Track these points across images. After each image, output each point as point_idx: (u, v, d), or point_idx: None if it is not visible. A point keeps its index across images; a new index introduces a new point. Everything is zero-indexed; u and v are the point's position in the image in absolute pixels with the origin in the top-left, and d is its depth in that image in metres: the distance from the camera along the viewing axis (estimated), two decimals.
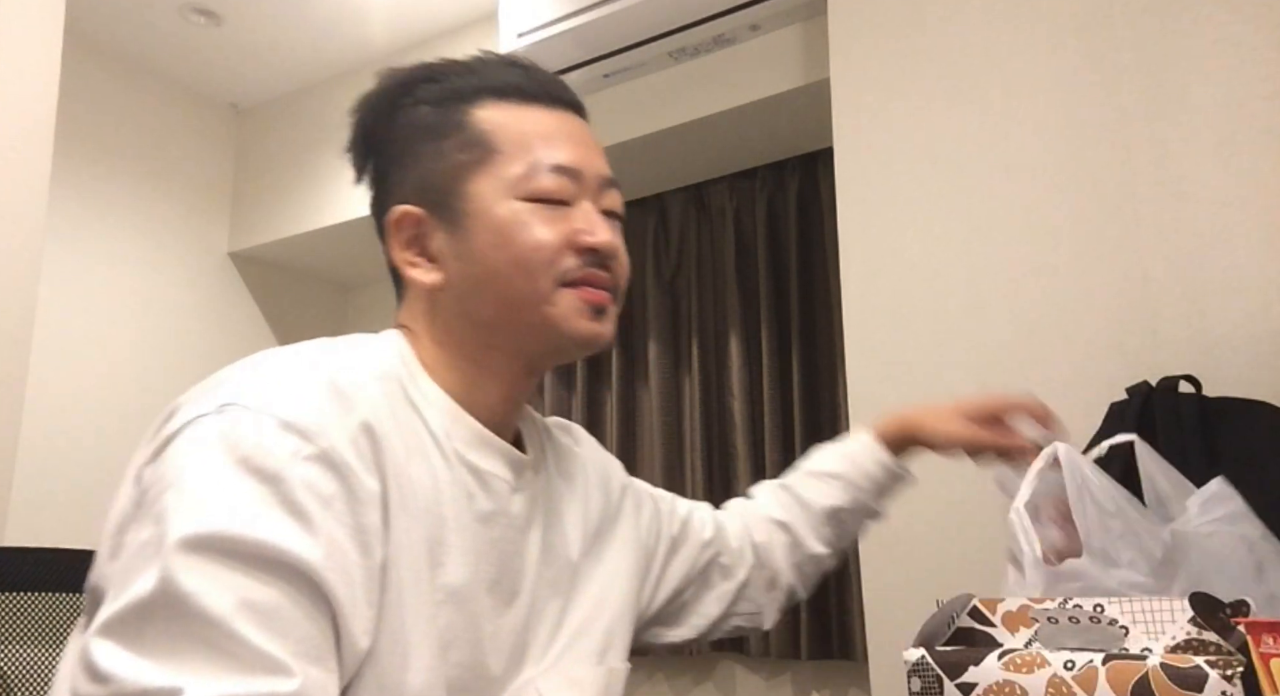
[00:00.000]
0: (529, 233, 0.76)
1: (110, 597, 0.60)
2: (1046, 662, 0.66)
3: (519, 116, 0.80)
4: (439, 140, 0.79)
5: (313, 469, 0.64)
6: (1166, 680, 0.63)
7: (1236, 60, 1.45)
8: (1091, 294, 1.52)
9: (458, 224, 0.78)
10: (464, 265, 0.78)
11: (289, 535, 0.61)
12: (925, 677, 0.69)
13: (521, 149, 0.78)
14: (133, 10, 2.53)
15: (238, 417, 0.64)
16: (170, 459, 0.63)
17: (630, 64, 2.25)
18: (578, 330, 0.78)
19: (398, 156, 0.81)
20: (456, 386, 0.78)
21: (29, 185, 1.75)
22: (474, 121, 0.79)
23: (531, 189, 0.77)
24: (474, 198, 0.77)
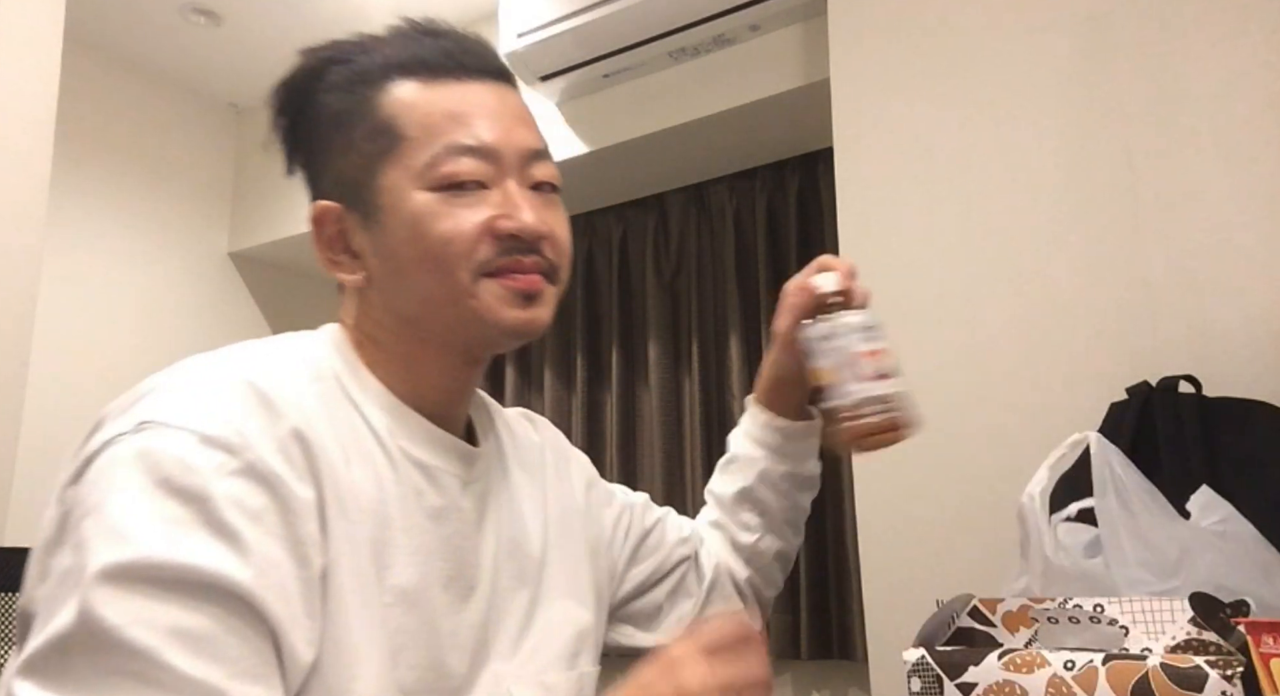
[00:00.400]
0: (439, 225, 0.72)
1: (35, 629, 0.57)
2: (1046, 662, 0.66)
3: (426, 96, 0.75)
4: (348, 130, 0.75)
5: (239, 483, 0.61)
6: (1166, 680, 0.63)
7: (1236, 60, 1.45)
8: (1091, 294, 1.52)
9: (373, 219, 0.74)
10: (382, 262, 0.74)
11: (217, 557, 0.58)
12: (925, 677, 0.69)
13: (428, 133, 0.73)
14: (133, 10, 2.53)
15: (156, 435, 0.61)
16: (90, 482, 0.61)
17: (630, 64, 2.25)
18: (505, 320, 0.74)
19: (315, 149, 0.78)
20: (397, 381, 0.76)
21: (29, 185, 1.75)
22: (379, 106, 0.74)
23: (441, 176, 0.72)
24: (385, 191, 0.73)
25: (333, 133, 0.76)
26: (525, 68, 2.28)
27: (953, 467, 1.59)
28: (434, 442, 0.76)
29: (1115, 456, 0.91)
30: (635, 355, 2.65)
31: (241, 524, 0.60)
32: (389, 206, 0.73)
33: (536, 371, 2.76)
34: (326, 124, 0.77)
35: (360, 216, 0.75)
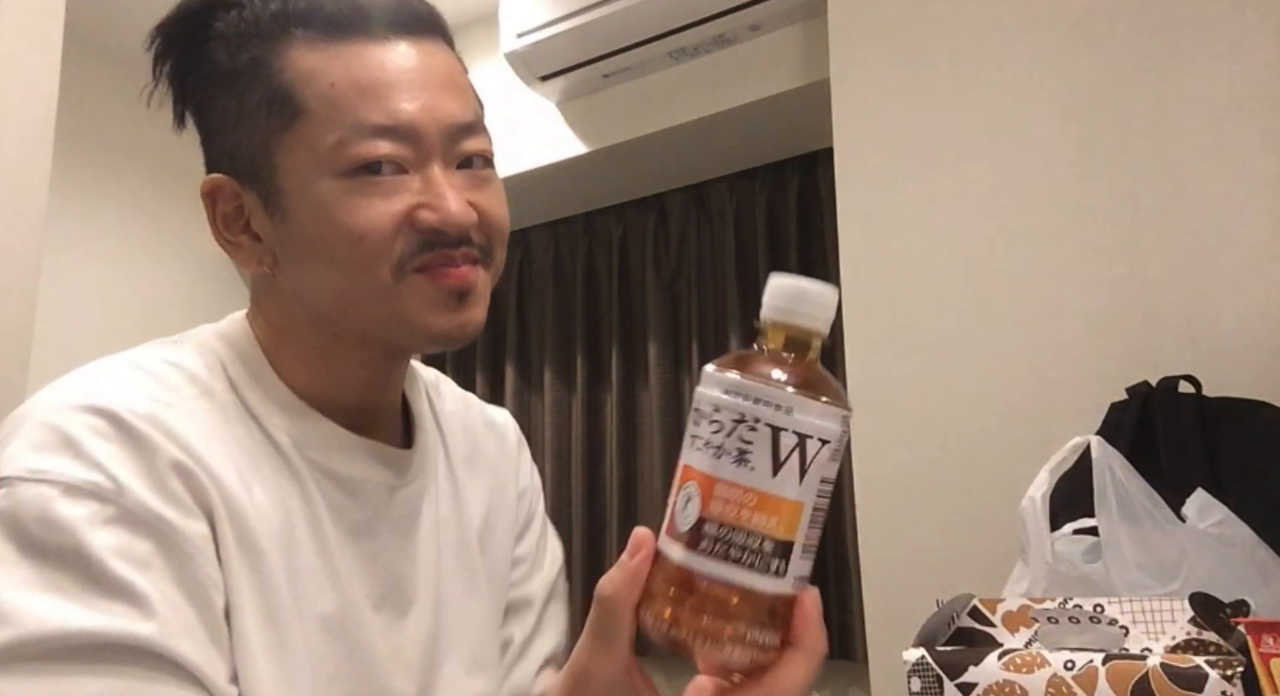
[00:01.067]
0: (349, 218, 0.61)
1: None
2: (1046, 662, 0.66)
3: (330, 61, 0.62)
4: (240, 95, 0.63)
5: (118, 533, 0.54)
6: (1166, 680, 0.63)
7: (1236, 60, 1.45)
8: (1091, 294, 1.52)
9: (275, 204, 0.63)
10: (288, 253, 0.64)
11: (113, 615, 0.52)
12: (925, 677, 0.69)
13: (333, 108, 0.61)
14: (133, 10, 2.52)
15: (14, 494, 0.54)
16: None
17: (630, 64, 2.25)
18: (432, 327, 0.64)
19: (203, 109, 0.66)
20: (309, 380, 0.68)
21: (29, 185, 1.75)
22: (276, 70, 0.62)
23: (350, 160, 0.61)
24: (286, 173, 0.62)
25: (221, 94, 0.64)
26: (525, 68, 2.28)
27: (953, 467, 1.59)
28: (351, 451, 0.68)
29: (1115, 460, 0.91)
30: (635, 355, 2.65)
31: (130, 574, 0.54)
32: (292, 191, 0.62)
33: (536, 371, 2.76)
34: (214, 82, 0.64)
35: (259, 197, 0.64)
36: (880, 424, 1.68)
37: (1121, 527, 0.87)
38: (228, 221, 0.67)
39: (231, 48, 0.64)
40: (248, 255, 0.66)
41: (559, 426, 2.67)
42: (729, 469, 0.45)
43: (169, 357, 0.66)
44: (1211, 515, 0.98)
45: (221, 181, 0.65)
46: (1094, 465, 0.90)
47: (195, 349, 0.68)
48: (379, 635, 0.66)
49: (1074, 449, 0.92)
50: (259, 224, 0.65)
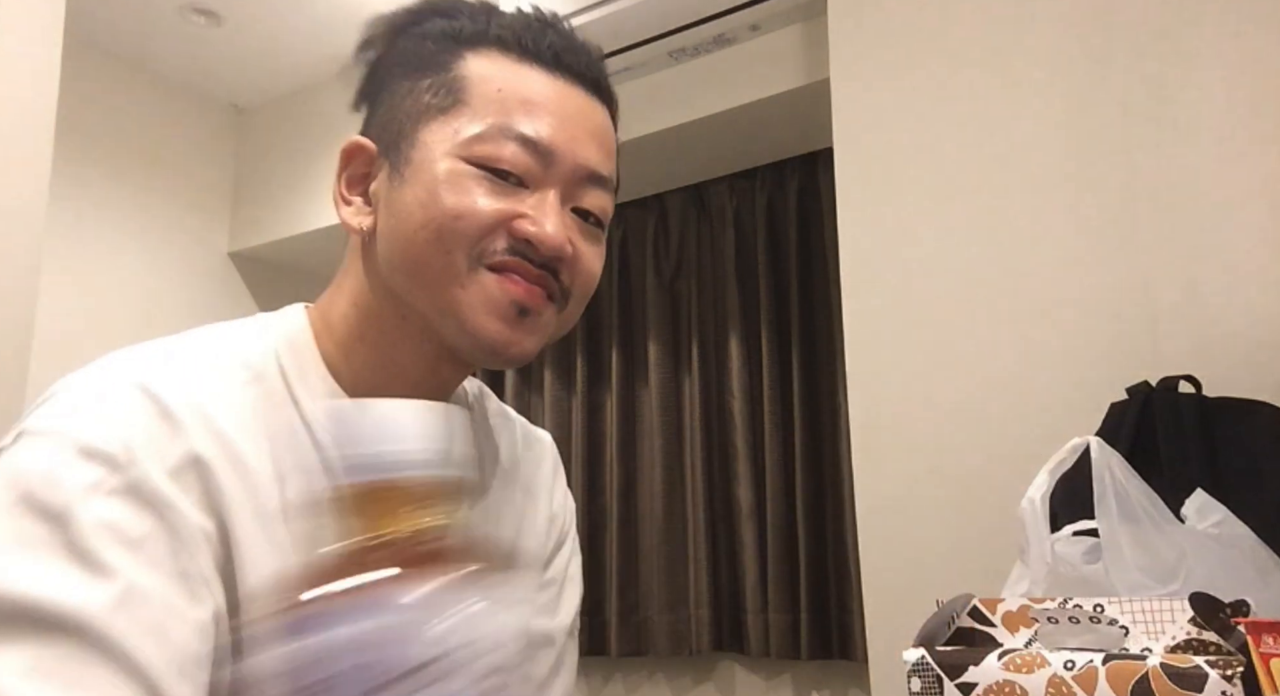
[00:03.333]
0: (455, 197, 0.64)
1: None
2: (1046, 662, 0.66)
3: (511, 74, 0.67)
4: (418, 77, 0.68)
5: (116, 505, 0.53)
6: (1166, 680, 0.63)
7: (1237, 60, 1.45)
8: (1092, 294, 1.52)
9: (398, 170, 0.67)
10: (389, 216, 0.66)
11: (67, 585, 0.50)
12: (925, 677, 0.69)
13: (490, 107, 0.66)
14: (133, 10, 2.53)
15: (29, 446, 0.54)
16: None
17: (630, 64, 2.25)
18: (482, 328, 0.65)
19: (382, 86, 0.71)
20: (360, 374, 0.68)
21: (29, 185, 1.75)
22: (457, 65, 0.67)
23: (483, 153, 0.65)
24: (420, 145, 0.66)
25: (402, 76, 0.69)
26: None
27: (953, 467, 1.59)
28: None
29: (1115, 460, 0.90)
30: (635, 355, 2.65)
31: (109, 550, 0.52)
32: (418, 161, 0.66)
33: (536, 371, 2.76)
34: (402, 66, 0.70)
35: (390, 164, 0.68)
36: (880, 424, 1.68)
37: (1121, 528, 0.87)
38: (351, 181, 0.70)
39: (430, 41, 0.69)
40: (353, 213, 0.69)
41: (559, 426, 2.67)
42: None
43: (224, 343, 0.67)
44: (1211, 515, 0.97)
45: (363, 144, 0.70)
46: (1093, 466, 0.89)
47: (255, 333, 0.69)
48: None
49: (1073, 449, 0.92)
50: (377, 187, 0.68)
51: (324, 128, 2.81)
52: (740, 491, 2.39)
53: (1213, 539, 0.92)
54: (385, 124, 0.69)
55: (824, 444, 2.34)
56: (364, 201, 0.69)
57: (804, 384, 2.36)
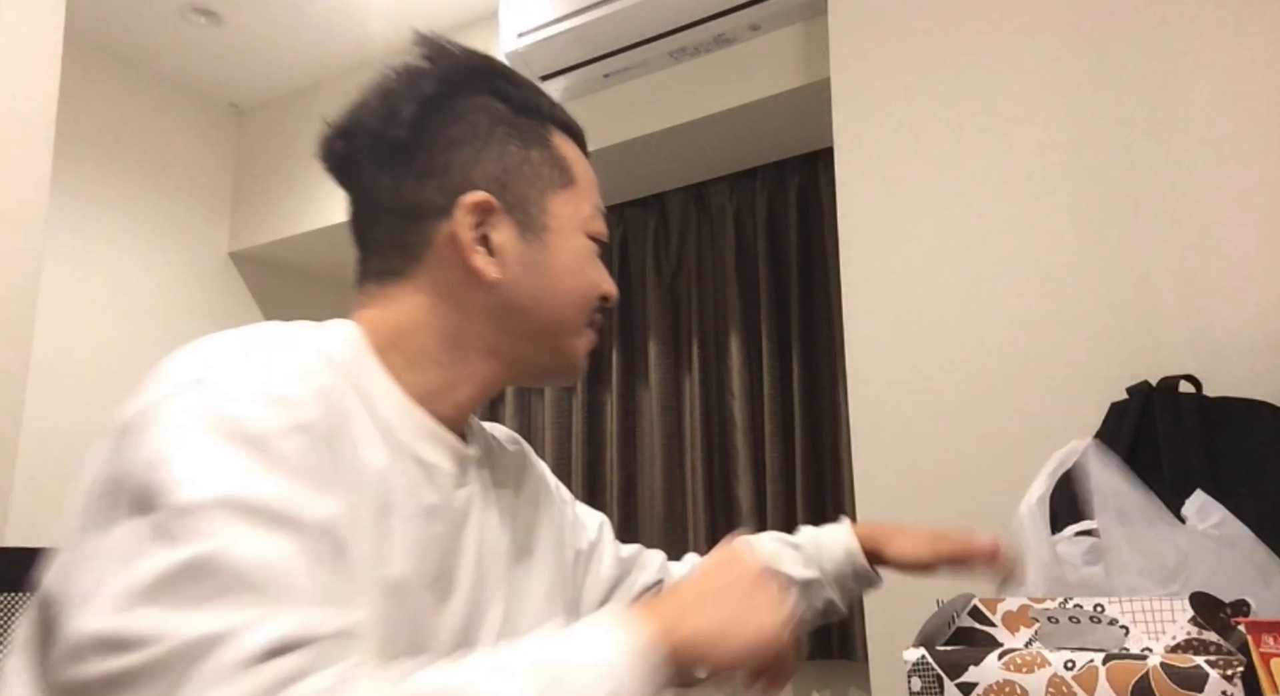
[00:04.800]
0: (592, 271, 0.82)
1: (109, 576, 0.54)
2: (1047, 662, 0.66)
3: (580, 158, 0.85)
4: (526, 147, 0.80)
5: (298, 439, 0.62)
6: (1167, 680, 0.63)
7: (1236, 61, 1.45)
8: (1091, 294, 1.52)
9: (535, 233, 0.79)
10: (529, 273, 0.79)
11: (296, 494, 0.59)
12: (925, 677, 0.69)
13: (587, 189, 0.84)
14: (133, 10, 2.53)
15: (215, 391, 0.61)
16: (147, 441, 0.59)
17: (630, 64, 2.25)
18: (579, 365, 0.84)
19: (469, 139, 0.79)
20: (425, 381, 0.77)
21: (29, 185, 1.75)
22: (553, 144, 0.82)
23: (594, 230, 0.83)
24: (555, 217, 0.80)
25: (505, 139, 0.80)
26: (525, 68, 2.28)
27: (953, 466, 1.59)
28: (435, 440, 0.77)
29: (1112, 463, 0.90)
30: (635, 355, 2.65)
31: (306, 473, 0.61)
32: (556, 232, 0.80)
33: None
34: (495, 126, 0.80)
35: (518, 224, 0.79)
36: (880, 424, 1.68)
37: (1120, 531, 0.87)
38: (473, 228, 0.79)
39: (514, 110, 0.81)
40: (481, 261, 0.78)
41: (559, 426, 2.67)
42: None
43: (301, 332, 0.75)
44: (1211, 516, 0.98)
45: (493, 201, 0.78)
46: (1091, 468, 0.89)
47: (319, 331, 0.77)
48: (426, 613, 0.72)
49: (1071, 452, 0.92)
50: (503, 240, 0.78)
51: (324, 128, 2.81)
52: (740, 491, 2.39)
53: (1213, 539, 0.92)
54: (501, 182, 0.79)
55: (824, 444, 2.34)
56: (487, 251, 0.78)
57: (804, 384, 2.36)
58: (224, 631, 0.51)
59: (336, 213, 2.76)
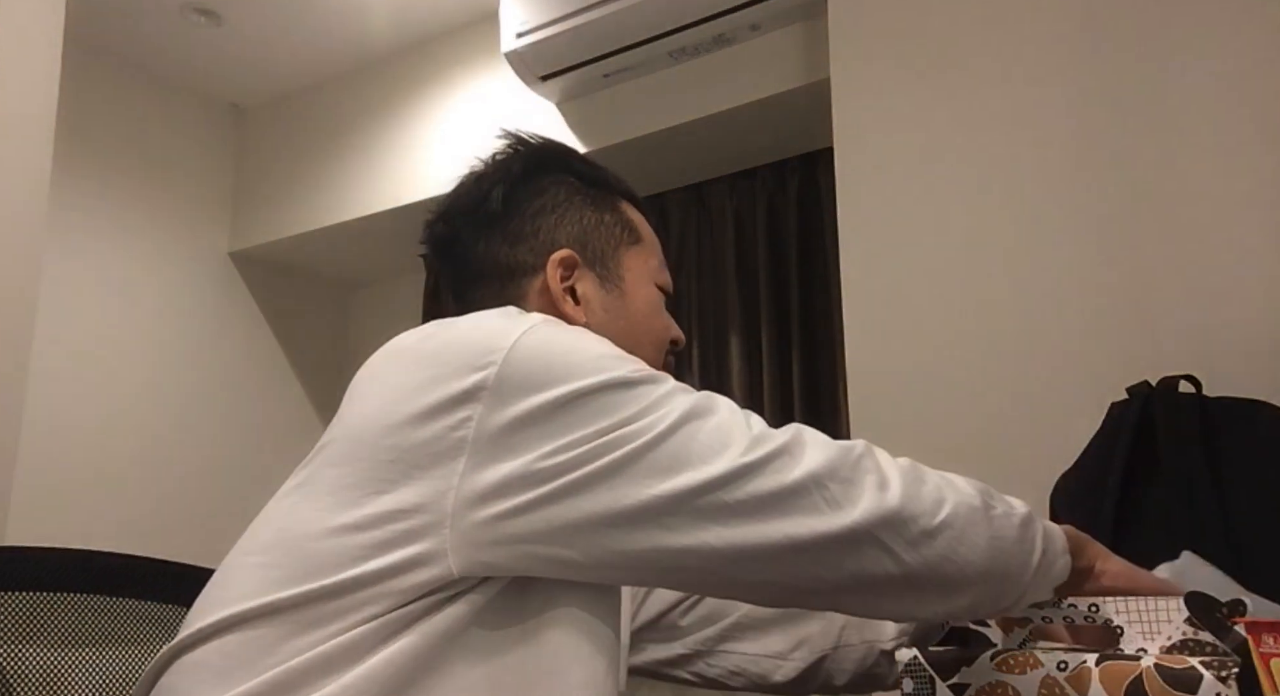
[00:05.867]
0: (661, 318, 0.95)
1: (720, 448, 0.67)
2: (1040, 663, 0.66)
3: (644, 221, 0.98)
4: (601, 212, 0.95)
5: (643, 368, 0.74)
6: (1160, 681, 0.63)
7: (1236, 60, 1.45)
8: (1092, 294, 1.51)
9: (612, 283, 0.92)
10: (609, 317, 0.90)
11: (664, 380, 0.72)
12: (918, 678, 0.69)
13: (653, 248, 0.97)
14: (133, 10, 2.53)
15: (563, 325, 0.75)
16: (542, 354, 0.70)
17: (630, 64, 2.25)
18: None
19: (551, 208, 0.93)
20: None
21: (29, 185, 1.75)
22: (621, 209, 0.96)
23: (662, 282, 0.96)
24: (628, 269, 0.93)
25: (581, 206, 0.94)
26: (525, 68, 2.28)
27: (953, 467, 1.58)
28: None
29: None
30: None
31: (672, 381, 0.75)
32: (630, 282, 0.93)
33: None
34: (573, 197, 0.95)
35: (597, 276, 0.92)
36: (880, 423, 1.68)
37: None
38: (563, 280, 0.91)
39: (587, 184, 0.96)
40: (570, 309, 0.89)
41: None
42: None
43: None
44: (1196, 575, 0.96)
45: (574, 256, 0.91)
46: None
47: None
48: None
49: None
50: (587, 289, 0.91)
51: (324, 127, 2.81)
52: None
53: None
54: (583, 242, 0.93)
55: None
56: (574, 300, 0.90)
57: (804, 384, 2.36)
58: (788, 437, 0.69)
59: (336, 213, 2.77)
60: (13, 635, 1.02)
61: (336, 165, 2.74)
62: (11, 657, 1.02)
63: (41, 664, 1.04)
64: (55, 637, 1.05)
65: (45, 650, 1.04)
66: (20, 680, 1.02)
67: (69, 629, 1.05)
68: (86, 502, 2.43)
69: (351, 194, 2.69)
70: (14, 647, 1.02)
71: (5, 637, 1.02)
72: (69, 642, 1.05)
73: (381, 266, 2.98)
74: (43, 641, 1.04)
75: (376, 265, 2.98)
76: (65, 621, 1.05)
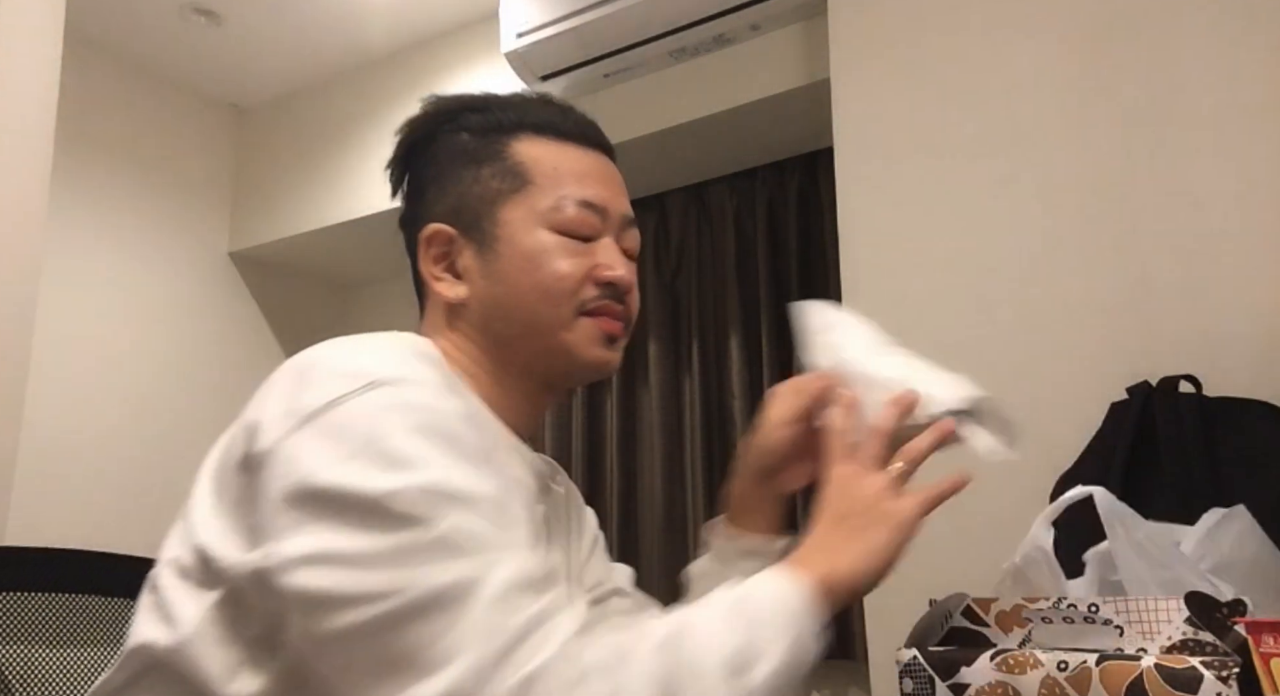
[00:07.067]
0: (555, 262, 0.81)
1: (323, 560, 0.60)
2: (1040, 663, 0.66)
3: (553, 152, 0.84)
4: (478, 166, 0.83)
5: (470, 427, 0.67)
6: (1161, 681, 0.62)
7: (1236, 61, 1.45)
8: (1092, 294, 1.51)
9: (488, 246, 0.82)
10: (490, 285, 0.81)
11: (470, 475, 0.63)
12: (918, 678, 0.69)
13: (553, 183, 0.83)
14: (133, 10, 2.53)
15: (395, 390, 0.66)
16: (341, 430, 0.64)
17: (630, 64, 2.25)
18: (590, 356, 0.82)
19: (435, 177, 0.85)
20: (488, 398, 0.80)
21: (29, 185, 1.75)
22: (512, 153, 0.84)
23: (560, 221, 0.82)
24: (506, 223, 0.82)
25: (460, 167, 0.84)
26: (525, 68, 2.28)
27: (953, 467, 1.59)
28: (521, 455, 0.81)
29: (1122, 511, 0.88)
30: (635, 355, 2.64)
31: (483, 458, 0.66)
32: (508, 238, 0.81)
33: None
34: (454, 158, 0.85)
35: (474, 243, 0.82)
36: None
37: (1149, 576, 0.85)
38: (437, 259, 0.84)
39: (475, 135, 0.85)
40: (448, 286, 0.83)
41: (559, 426, 2.67)
42: None
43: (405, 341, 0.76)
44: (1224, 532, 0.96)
45: (442, 228, 0.83)
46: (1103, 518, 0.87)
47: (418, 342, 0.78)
48: None
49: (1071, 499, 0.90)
50: (465, 262, 0.83)
51: (324, 127, 2.81)
52: None
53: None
54: (457, 209, 0.83)
55: None
56: (453, 276, 0.83)
57: None
58: (469, 577, 0.58)
59: (336, 213, 2.77)
60: (13, 635, 1.02)
61: (336, 165, 2.74)
62: (11, 657, 1.02)
63: (41, 664, 1.04)
64: (55, 637, 1.05)
65: (45, 650, 1.04)
66: (20, 680, 1.02)
67: (69, 629, 1.05)
68: (86, 503, 2.43)
69: (351, 194, 2.69)
70: (14, 647, 1.02)
71: (5, 637, 1.02)
72: (69, 642, 1.05)
73: (381, 266, 2.97)
74: (43, 641, 1.04)
75: (376, 265, 2.98)
76: (65, 621, 1.06)
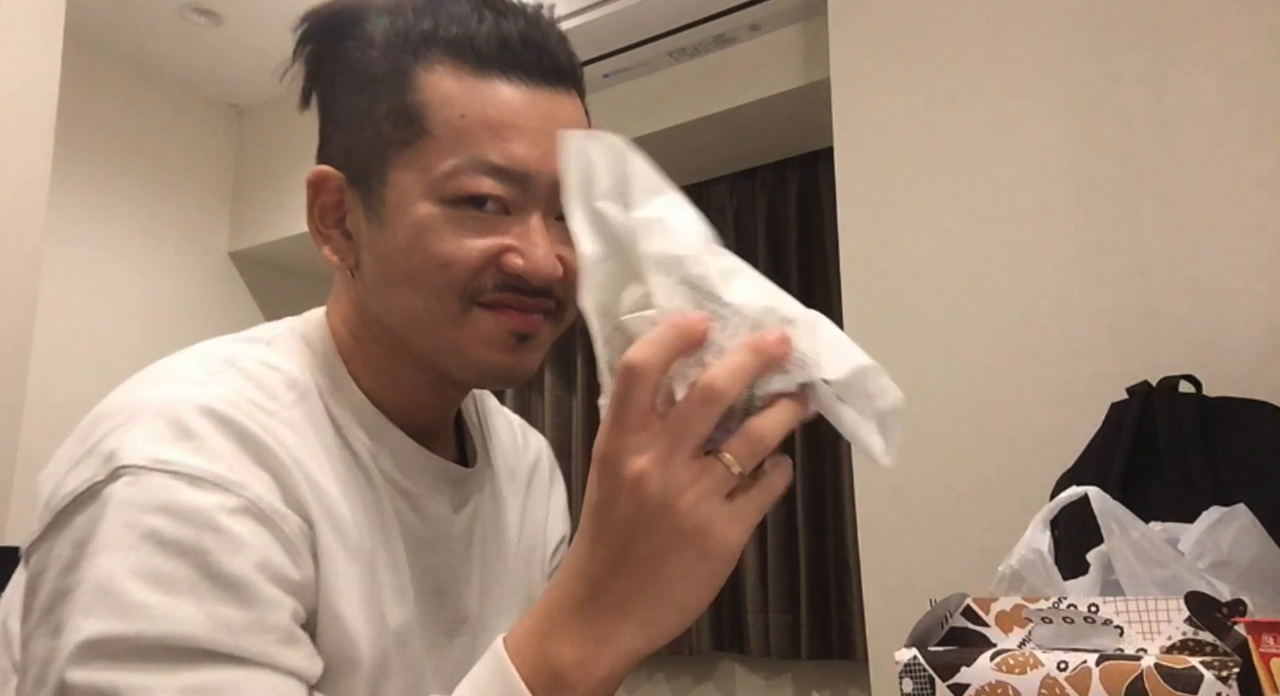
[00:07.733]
0: (440, 244, 0.61)
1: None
2: (1040, 663, 0.66)
3: (469, 91, 0.62)
4: (371, 99, 0.63)
5: (241, 524, 0.54)
6: (1161, 681, 0.62)
7: (1236, 61, 1.45)
8: (1091, 294, 1.51)
9: (374, 212, 0.63)
10: (374, 261, 0.64)
11: (215, 617, 0.52)
12: (918, 679, 0.69)
13: (456, 138, 0.61)
14: (133, 10, 2.53)
15: (137, 482, 0.54)
16: (67, 540, 0.54)
17: (630, 64, 2.25)
18: (484, 361, 0.64)
19: (333, 100, 0.66)
20: (381, 390, 0.67)
21: (29, 185, 1.75)
22: (412, 87, 0.62)
23: (457, 190, 0.61)
24: (394, 186, 0.62)
25: (354, 94, 0.64)
26: None
27: (954, 466, 1.59)
28: (421, 468, 0.68)
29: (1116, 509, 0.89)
30: None
31: (246, 571, 0.54)
32: (395, 205, 0.62)
33: (537, 372, 2.76)
34: (349, 79, 0.65)
35: (362, 200, 0.64)
36: None
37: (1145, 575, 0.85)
38: (324, 212, 0.66)
39: (375, 52, 0.64)
40: (335, 248, 0.66)
41: (559, 426, 2.67)
42: None
43: (267, 360, 0.65)
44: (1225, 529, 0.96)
45: (330, 174, 0.65)
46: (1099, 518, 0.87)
47: (287, 352, 0.67)
48: (428, 655, 0.67)
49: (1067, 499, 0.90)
50: (354, 223, 0.65)
51: None
52: None
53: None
54: (347, 150, 0.65)
55: (824, 443, 2.33)
56: (341, 234, 0.66)
57: None
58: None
59: None
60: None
61: None
62: None
63: None
64: None
65: None
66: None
67: None
68: None
69: None
70: None
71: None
72: None
73: None
74: None
75: None
76: None
